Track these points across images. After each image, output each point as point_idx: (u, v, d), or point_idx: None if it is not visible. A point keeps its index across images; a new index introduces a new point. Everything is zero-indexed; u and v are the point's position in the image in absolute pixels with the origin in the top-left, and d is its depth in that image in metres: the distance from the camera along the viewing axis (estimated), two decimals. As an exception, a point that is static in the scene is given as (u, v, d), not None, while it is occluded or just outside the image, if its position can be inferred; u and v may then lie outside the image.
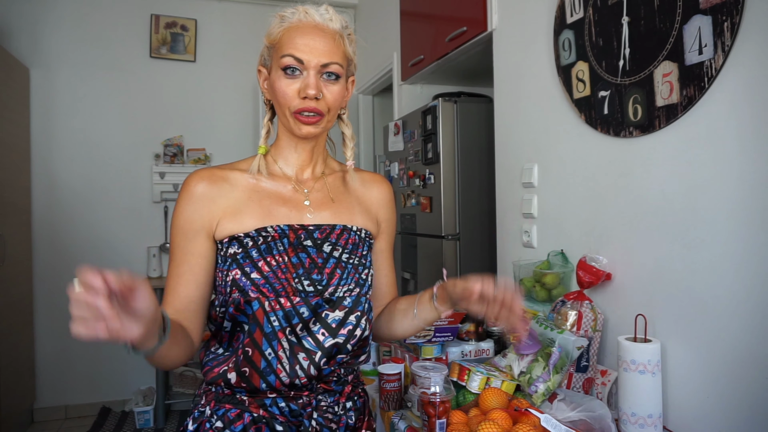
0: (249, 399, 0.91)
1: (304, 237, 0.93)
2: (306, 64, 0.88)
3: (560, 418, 1.16)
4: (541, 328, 1.36)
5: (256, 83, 3.40)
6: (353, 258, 0.96)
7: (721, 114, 1.10)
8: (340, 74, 0.91)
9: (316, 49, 0.88)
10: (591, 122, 1.46)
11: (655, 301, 1.27)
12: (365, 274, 0.97)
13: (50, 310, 3.20)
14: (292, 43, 0.89)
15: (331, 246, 0.94)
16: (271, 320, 0.88)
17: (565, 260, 1.55)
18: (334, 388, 0.96)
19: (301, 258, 0.91)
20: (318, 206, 0.97)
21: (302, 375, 0.89)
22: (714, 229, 1.12)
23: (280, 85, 0.90)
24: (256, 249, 0.90)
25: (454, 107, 2.45)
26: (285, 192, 0.97)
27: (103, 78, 3.29)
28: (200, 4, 3.45)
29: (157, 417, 3.03)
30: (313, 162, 1.01)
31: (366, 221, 1.02)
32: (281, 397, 0.91)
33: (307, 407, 0.92)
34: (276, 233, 0.91)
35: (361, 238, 0.99)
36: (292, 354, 0.88)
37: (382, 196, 1.08)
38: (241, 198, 0.94)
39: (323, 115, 0.91)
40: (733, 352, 1.09)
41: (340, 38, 0.92)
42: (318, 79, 0.89)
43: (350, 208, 1.01)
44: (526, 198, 1.77)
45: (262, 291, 0.88)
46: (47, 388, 3.19)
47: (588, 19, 1.46)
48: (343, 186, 1.03)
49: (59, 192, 3.22)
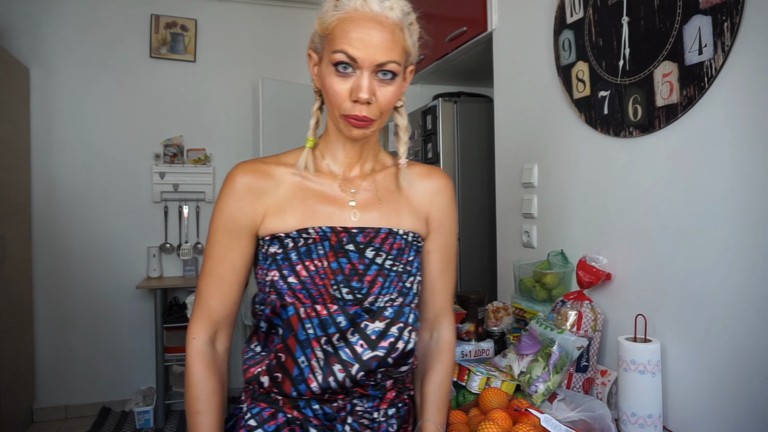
0: (283, 399, 0.89)
1: (346, 240, 0.87)
2: (360, 62, 0.80)
3: (560, 418, 1.16)
4: (541, 328, 1.36)
5: (256, 83, 3.40)
6: (397, 265, 0.89)
7: (721, 114, 1.10)
8: (397, 72, 0.83)
9: (371, 46, 0.79)
10: (591, 122, 1.46)
11: (655, 301, 1.27)
12: (410, 282, 0.90)
13: (50, 310, 3.20)
14: (345, 38, 0.79)
15: (374, 251, 0.88)
16: (305, 327, 0.84)
17: (565, 260, 1.55)
18: (371, 393, 0.90)
19: (341, 263, 0.86)
20: (364, 207, 0.91)
21: (336, 387, 0.85)
22: (714, 229, 1.12)
23: (331, 82, 0.82)
24: (296, 251, 0.86)
25: (454, 107, 2.45)
26: (330, 191, 0.91)
27: (103, 78, 3.29)
28: (200, 4, 3.45)
29: (157, 417, 3.03)
30: (363, 159, 0.94)
31: (414, 222, 0.94)
32: (315, 399, 0.88)
33: (341, 411, 0.88)
34: (317, 235, 0.86)
35: (407, 242, 0.92)
36: (326, 364, 0.84)
37: (435, 191, 0.97)
38: (285, 195, 0.89)
39: (375, 119, 0.84)
40: (733, 352, 1.09)
41: (399, 31, 0.82)
42: (372, 79, 0.81)
43: (398, 208, 0.93)
44: (526, 198, 1.77)
45: (298, 297, 0.84)
46: (47, 388, 3.19)
47: (588, 19, 1.46)
48: (394, 184, 0.95)
49: (59, 192, 3.22)
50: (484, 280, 2.50)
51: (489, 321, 1.69)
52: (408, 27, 0.85)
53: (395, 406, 0.93)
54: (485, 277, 2.50)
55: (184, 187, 3.40)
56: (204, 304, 0.90)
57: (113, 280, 3.31)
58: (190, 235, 3.45)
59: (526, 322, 1.56)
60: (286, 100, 3.24)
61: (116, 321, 3.32)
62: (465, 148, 2.46)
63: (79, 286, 3.25)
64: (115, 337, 3.31)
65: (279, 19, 3.58)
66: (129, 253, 3.34)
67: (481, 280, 2.51)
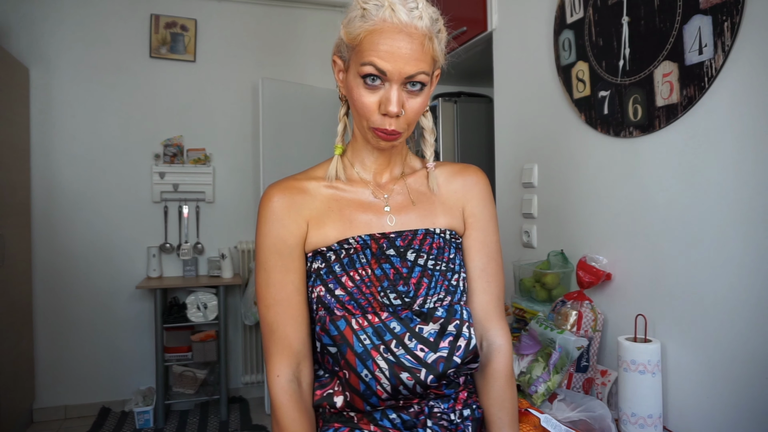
0: (357, 415, 0.85)
1: (386, 246, 0.87)
2: (389, 75, 0.79)
3: (560, 418, 1.16)
4: (541, 328, 1.36)
5: (256, 83, 3.40)
6: (439, 264, 0.88)
7: (721, 114, 1.10)
8: (426, 83, 0.82)
9: (401, 58, 0.78)
10: (591, 122, 1.46)
11: (655, 301, 1.27)
12: (455, 279, 0.89)
13: (50, 310, 3.20)
14: (374, 50, 0.78)
15: (414, 253, 0.87)
16: (361, 339, 0.82)
17: (565, 260, 1.55)
18: (445, 392, 0.88)
19: (384, 269, 0.85)
20: (399, 211, 0.90)
21: (407, 394, 0.83)
22: (714, 229, 1.12)
23: (360, 94, 0.81)
24: (339, 263, 0.85)
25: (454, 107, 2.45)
26: (364, 198, 0.91)
27: (103, 78, 3.28)
28: (200, 4, 3.45)
29: (156, 417, 3.03)
30: (392, 164, 0.94)
31: (450, 220, 0.93)
32: (390, 408, 0.85)
33: (420, 415, 0.85)
34: (358, 244, 0.86)
35: (445, 240, 0.91)
36: (393, 374, 0.81)
37: (469, 187, 0.96)
38: (322, 208, 0.88)
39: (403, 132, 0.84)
40: (734, 352, 1.09)
41: (428, 41, 0.80)
42: (401, 92, 0.80)
43: (432, 209, 0.93)
44: (526, 198, 1.77)
45: (348, 308, 0.83)
46: (47, 388, 3.19)
47: (588, 19, 1.46)
48: (425, 186, 0.95)
49: (59, 192, 3.22)
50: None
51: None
52: (437, 35, 0.83)
53: (469, 407, 0.91)
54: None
55: (184, 187, 3.40)
56: (280, 336, 0.85)
57: (113, 280, 3.31)
58: (190, 235, 3.44)
59: (526, 322, 1.56)
60: (286, 100, 3.24)
61: (116, 321, 3.32)
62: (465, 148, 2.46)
63: (79, 286, 3.25)
64: (114, 337, 3.31)
65: (279, 19, 3.58)
66: (129, 253, 3.34)
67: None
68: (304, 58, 3.58)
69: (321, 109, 3.28)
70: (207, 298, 3.20)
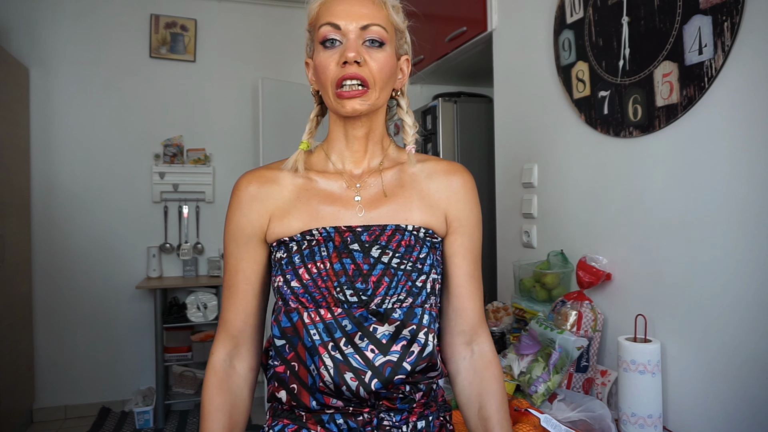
0: (306, 414, 0.84)
1: (350, 240, 0.83)
2: (344, 29, 0.80)
3: (560, 418, 1.16)
4: (541, 328, 1.36)
5: (256, 83, 3.40)
6: (405, 263, 0.83)
7: (721, 114, 1.10)
8: (385, 40, 0.81)
9: (354, 13, 0.80)
10: (591, 122, 1.46)
11: (655, 301, 1.27)
12: (421, 281, 0.83)
13: (50, 310, 3.20)
14: (328, 12, 0.81)
15: (380, 250, 0.83)
16: (311, 333, 0.80)
17: (565, 260, 1.55)
18: (398, 406, 0.83)
19: (344, 264, 0.82)
20: (370, 204, 0.86)
21: (350, 396, 0.80)
22: (714, 229, 1.12)
23: (320, 59, 0.81)
24: (299, 254, 0.83)
25: (454, 107, 2.45)
26: (336, 190, 0.87)
27: (103, 78, 3.28)
28: (200, 4, 3.45)
29: (156, 417, 3.03)
30: (369, 154, 0.90)
31: (427, 218, 0.87)
32: (340, 413, 0.82)
33: (367, 426, 0.82)
34: (321, 236, 0.83)
35: (417, 237, 0.85)
36: (337, 373, 0.79)
37: (454, 189, 0.90)
38: (289, 198, 0.87)
39: (368, 87, 0.80)
40: (733, 352, 1.09)
41: (381, 3, 0.82)
42: (359, 45, 0.80)
43: (407, 203, 0.87)
44: (526, 198, 1.77)
45: (301, 301, 0.81)
46: (47, 388, 3.19)
47: (588, 19, 1.46)
48: (403, 178, 0.90)
49: (59, 192, 3.22)
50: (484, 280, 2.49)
51: (489, 321, 1.69)
52: (392, 6, 0.85)
53: (425, 417, 0.86)
54: (485, 277, 2.50)
55: (184, 187, 3.40)
56: (223, 318, 0.89)
57: (113, 280, 3.31)
58: (190, 235, 3.44)
59: (526, 322, 1.56)
60: (286, 100, 3.24)
61: (116, 321, 3.32)
62: (465, 148, 2.46)
63: (78, 286, 3.25)
64: (114, 337, 3.31)
65: (279, 19, 3.58)
66: (129, 253, 3.34)
67: (481, 280, 2.50)
68: (304, 58, 3.57)
69: (321, 109, 3.28)
70: (207, 298, 3.20)
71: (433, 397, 0.89)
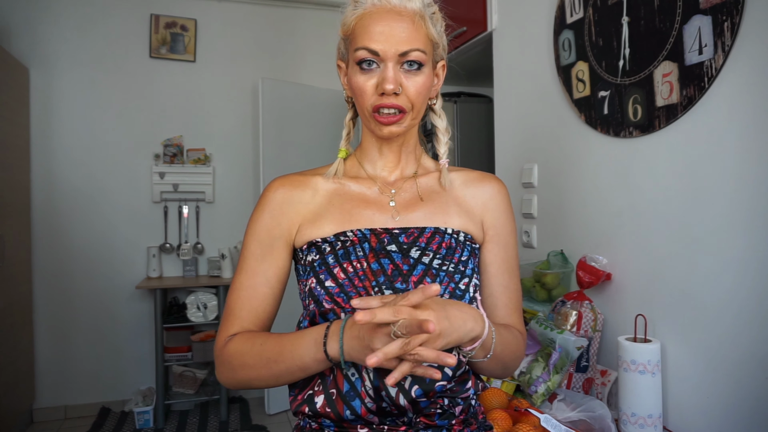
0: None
1: (387, 241, 0.82)
2: (382, 55, 0.77)
3: (560, 418, 1.16)
4: (541, 328, 1.36)
5: (256, 83, 3.40)
6: (447, 264, 0.81)
7: (721, 114, 1.10)
8: (423, 62, 0.80)
9: (392, 37, 0.77)
10: (591, 122, 1.46)
11: (655, 301, 1.27)
12: (464, 283, 0.81)
13: (50, 310, 3.20)
14: (366, 33, 0.78)
15: (419, 251, 0.81)
16: None
17: (565, 260, 1.55)
18: (437, 422, 0.78)
19: (383, 264, 0.80)
20: (405, 207, 0.86)
21: (390, 402, 0.75)
22: (714, 229, 1.12)
23: (357, 81, 0.80)
24: (333, 255, 0.81)
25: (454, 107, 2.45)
26: (370, 194, 0.87)
27: (103, 78, 3.28)
28: (200, 4, 3.45)
29: (156, 417, 3.03)
30: (402, 163, 0.90)
31: (466, 223, 0.87)
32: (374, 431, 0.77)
33: None
34: (356, 237, 0.82)
35: (458, 241, 0.84)
36: (377, 377, 0.75)
37: (489, 197, 0.90)
38: (321, 203, 0.86)
39: (405, 112, 0.80)
40: (733, 352, 1.09)
41: (420, 20, 0.79)
42: (397, 71, 0.78)
43: (445, 208, 0.87)
44: (526, 198, 1.77)
45: (337, 301, 0.78)
46: (47, 388, 3.19)
47: (588, 19, 1.46)
48: (438, 186, 0.90)
49: (59, 192, 3.22)
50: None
51: (489, 321, 1.68)
52: (431, 17, 0.82)
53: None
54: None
55: (184, 187, 3.40)
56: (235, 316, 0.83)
57: (113, 280, 3.31)
58: (190, 236, 3.44)
59: (526, 323, 1.56)
60: (286, 100, 3.24)
61: (116, 321, 3.32)
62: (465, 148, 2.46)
63: (78, 286, 3.25)
64: (114, 337, 3.31)
65: (279, 19, 3.58)
66: (129, 253, 3.34)
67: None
68: (304, 58, 3.57)
69: (321, 109, 3.28)
70: (207, 298, 3.20)
71: (472, 413, 0.85)
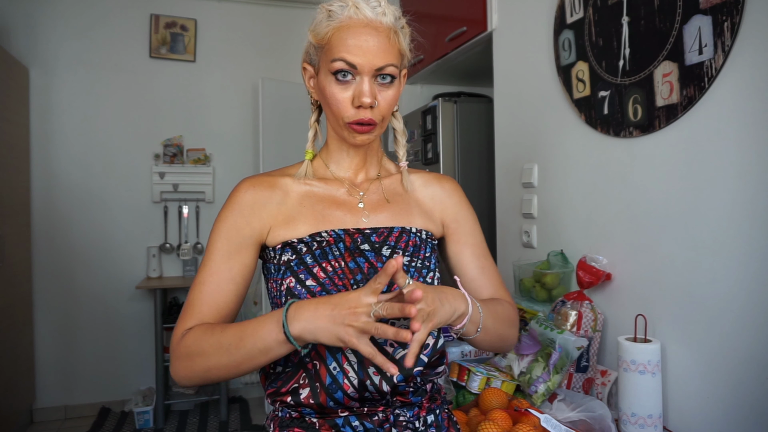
0: (319, 421, 0.82)
1: (360, 241, 0.86)
2: (359, 68, 0.81)
3: (560, 418, 1.16)
4: (541, 328, 1.36)
5: (256, 83, 3.40)
6: (415, 261, 0.88)
7: (721, 114, 1.10)
8: (395, 75, 0.85)
9: (369, 52, 0.80)
10: (591, 122, 1.46)
11: (655, 301, 1.27)
12: (430, 277, 0.89)
13: (50, 310, 3.20)
14: (343, 45, 0.81)
15: (390, 249, 0.87)
16: None
17: (565, 260, 1.55)
18: (412, 399, 0.86)
19: (358, 263, 0.84)
20: (373, 209, 0.91)
21: (373, 391, 0.81)
22: (714, 229, 1.12)
23: (332, 91, 0.83)
24: (311, 255, 0.84)
25: (454, 107, 2.45)
26: (339, 195, 0.91)
27: (103, 78, 3.28)
28: (200, 4, 3.45)
29: (156, 417, 3.03)
30: (367, 165, 0.95)
31: (427, 222, 0.94)
32: (354, 415, 0.82)
33: (385, 424, 0.83)
34: (331, 238, 0.85)
35: (422, 239, 0.91)
36: (361, 368, 0.80)
37: (447, 195, 0.98)
38: (292, 204, 0.88)
39: (377, 123, 0.85)
40: (734, 353, 1.09)
41: (394, 35, 0.84)
42: (372, 84, 0.82)
43: (408, 208, 0.94)
44: (526, 198, 1.77)
45: None
46: (47, 388, 3.19)
47: (588, 19, 1.46)
48: (400, 188, 0.96)
49: (59, 192, 3.22)
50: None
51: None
52: (401, 30, 0.87)
53: (433, 412, 0.89)
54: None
55: (184, 187, 3.40)
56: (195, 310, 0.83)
57: (113, 280, 3.31)
58: (190, 235, 3.44)
59: (526, 322, 1.56)
60: (286, 100, 3.24)
61: (116, 321, 3.32)
62: (465, 148, 2.46)
63: (78, 286, 3.25)
64: (114, 337, 3.31)
65: (279, 19, 3.58)
66: (129, 253, 3.34)
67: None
68: (304, 58, 3.57)
69: (321, 109, 3.28)
70: (207, 298, 3.19)
71: (436, 389, 0.94)
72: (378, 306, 0.69)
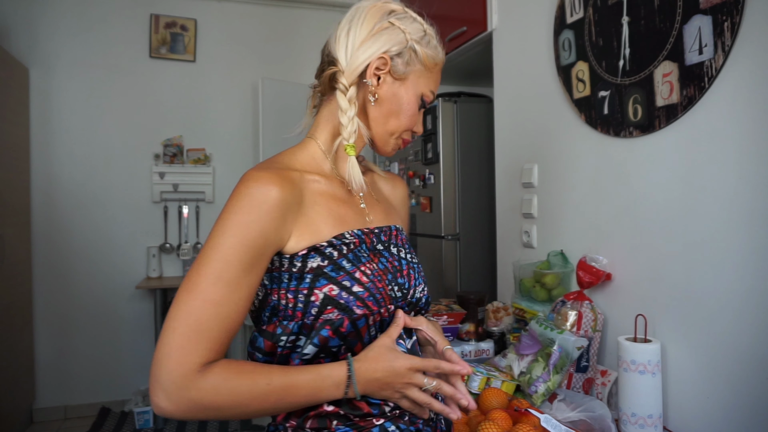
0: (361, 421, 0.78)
1: (375, 241, 0.86)
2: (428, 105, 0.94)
3: (560, 418, 1.16)
4: (541, 328, 1.36)
5: (256, 83, 3.40)
6: (413, 256, 0.92)
7: (721, 114, 1.10)
8: None
9: None
10: (591, 122, 1.46)
11: (655, 301, 1.27)
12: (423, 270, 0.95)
13: (50, 310, 3.20)
14: (435, 82, 0.92)
15: (396, 248, 0.89)
16: (371, 334, 0.79)
17: (565, 260, 1.55)
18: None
19: (383, 263, 0.84)
20: (371, 208, 0.91)
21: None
22: (714, 229, 1.12)
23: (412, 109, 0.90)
24: (345, 259, 0.78)
25: (454, 107, 2.45)
26: (342, 194, 0.87)
27: (103, 78, 3.29)
28: (200, 4, 3.45)
29: (156, 417, 3.03)
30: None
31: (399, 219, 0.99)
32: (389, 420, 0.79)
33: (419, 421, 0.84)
34: (356, 239, 0.82)
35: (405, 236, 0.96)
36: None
37: (404, 195, 1.06)
38: (309, 203, 0.80)
39: None
40: (734, 353, 1.09)
41: None
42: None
43: (390, 207, 0.98)
44: (526, 198, 1.77)
45: (368, 305, 0.77)
46: (47, 388, 3.19)
47: (588, 19, 1.46)
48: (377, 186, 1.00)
49: (59, 192, 3.22)
50: (484, 280, 2.50)
51: (489, 321, 1.69)
52: None
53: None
54: (485, 277, 2.50)
55: (184, 187, 3.40)
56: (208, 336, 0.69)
57: (113, 280, 3.31)
58: (190, 235, 3.45)
59: (526, 322, 1.56)
60: (286, 100, 3.24)
61: (116, 321, 3.32)
62: (465, 148, 2.46)
63: (78, 286, 3.25)
64: (114, 338, 3.31)
65: (279, 19, 3.59)
66: (129, 253, 3.34)
67: (481, 280, 2.51)
68: (304, 58, 3.58)
69: (321, 109, 3.28)
70: (207, 298, 3.20)
71: None
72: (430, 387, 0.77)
